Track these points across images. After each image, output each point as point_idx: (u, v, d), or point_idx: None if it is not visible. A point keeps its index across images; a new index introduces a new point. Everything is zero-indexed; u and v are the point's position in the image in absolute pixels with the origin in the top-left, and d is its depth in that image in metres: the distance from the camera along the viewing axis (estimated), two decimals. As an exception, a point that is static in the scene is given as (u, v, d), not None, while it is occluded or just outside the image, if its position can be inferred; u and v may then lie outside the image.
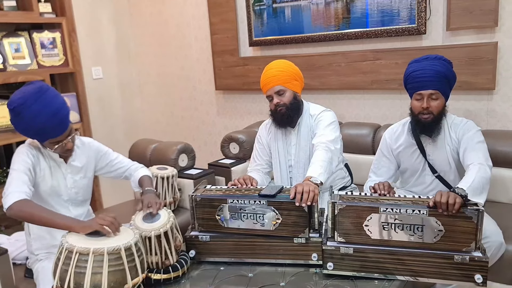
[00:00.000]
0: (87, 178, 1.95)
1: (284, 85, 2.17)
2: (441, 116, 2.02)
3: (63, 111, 1.74)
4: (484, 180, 1.75)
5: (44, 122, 1.67)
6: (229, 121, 3.81)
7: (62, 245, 1.47)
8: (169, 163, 2.71)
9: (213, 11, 3.57)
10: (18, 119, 1.69)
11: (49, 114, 1.68)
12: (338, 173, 2.33)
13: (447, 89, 2.01)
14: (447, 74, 1.97)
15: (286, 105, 2.17)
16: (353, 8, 2.90)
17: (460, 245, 1.56)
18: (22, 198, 1.60)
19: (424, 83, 1.96)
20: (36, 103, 1.67)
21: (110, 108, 4.09)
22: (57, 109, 1.70)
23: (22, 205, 1.59)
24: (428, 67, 1.96)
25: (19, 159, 1.73)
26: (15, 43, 2.99)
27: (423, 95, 1.98)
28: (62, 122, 1.73)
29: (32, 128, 1.70)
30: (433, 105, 1.98)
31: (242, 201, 1.76)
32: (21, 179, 1.67)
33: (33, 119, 1.66)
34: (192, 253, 1.83)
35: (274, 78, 2.16)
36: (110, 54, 4.07)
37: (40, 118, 1.67)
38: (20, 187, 1.64)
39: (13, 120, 1.71)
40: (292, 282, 1.65)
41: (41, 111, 1.67)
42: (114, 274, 1.45)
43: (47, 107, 1.68)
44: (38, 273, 1.80)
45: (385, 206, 1.61)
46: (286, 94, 2.17)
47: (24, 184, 1.66)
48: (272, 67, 2.21)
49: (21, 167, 1.70)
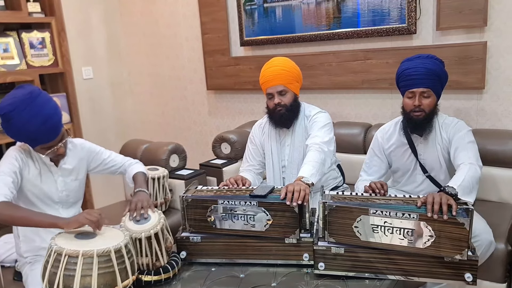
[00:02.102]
0: (78, 180, 1.93)
1: (287, 86, 2.15)
2: (432, 114, 2.03)
3: (55, 117, 1.70)
4: (474, 179, 1.76)
5: (36, 129, 1.63)
6: (220, 121, 3.80)
7: (51, 247, 1.46)
8: (160, 163, 2.70)
9: (204, 11, 3.56)
10: (8, 125, 1.65)
11: (41, 120, 1.63)
12: (330, 173, 2.33)
13: (439, 87, 2.01)
14: (439, 73, 1.98)
15: (286, 106, 2.15)
16: (344, 7, 2.90)
17: (451, 252, 1.53)
18: (0, 201, 1.57)
19: (416, 81, 1.97)
20: (26, 110, 1.62)
21: (100, 108, 4.06)
22: (48, 115, 1.66)
23: (2, 208, 1.56)
24: (420, 65, 1.98)
25: (6, 161, 1.71)
26: (3, 43, 2.95)
27: (415, 93, 1.99)
28: (54, 128, 1.69)
29: (23, 134, 1.67)
30: (425, 103, 1.99)
31: (233, 202, 1.76)
32: (3, 181, 1.64)
33: (24, 125, 1.62)
34: (183, 254, 1.82)
35: (278, 77, 2.13)
36: (100, 54, 4.04)
37: (31, 125, 1.62)
38: (1, 189, 1.60)
39: (3, 125, 1.67)
40: (284, 283, 1.65)
41: (32, 117, 1.62)
42: (104, 277, 1.44)
43: (38, 114, 1.63)
44: (27, 276, 1.78)
45: (375, 208, 1.60)
46: (288, 95, 2.16)
47: (5, 187, 1.62)
48: (277, 65, 2.16)
49: (6, 170, 1.67)
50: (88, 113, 3.87)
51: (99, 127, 4.02)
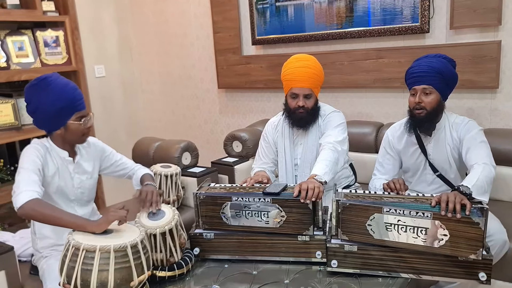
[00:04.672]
0: (93, 179, 1.96)
1: (313, 90, 2.13)
2: (435, 113, 2.02)
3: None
4: (488, 179, 1.75)
5: (73, 91, 1.76)
6: (231, 120, 3.82)
7: (69, 242, 1.48)
8: (172, 161, 2.72)
9: (215, 10, 3.57)
10: (46, 93, 1.72)
11: (73, 86, 1.79)
12: (342, 172, 2.33)
13: (443, 86, 2.00)
14: (442, 71, 1.97)
15: (308, 110, 2.14)
16: (356, 6, 2.90)
17: (466, 252, 1.52)
18: (33, 198, 1.59)
19: (417, 78, 1.99)
20: (59, 78, 1.78)
21: (112, 106, 4.10)
22: (76, 86, 1.82)
23: (34, 205, 1.58)
24: (424, 63, 2.00)
25: (28, 159, 1.72)
26: (18, 41, 2.99)
27: (417, 90, 2.00)
28: (83, 96, 1.82)
29: (63, 98, 1.73)
30: (426, 100, 1.99)
31: (247, 199, 1.77)
32: (31, 178, 1.65)
33: (64, 87, 1.75)
34: (197, 250, 1.84)
35: (309, 80, 2.09)
36: (112, 53, 4.07)
37: (70, 87, 1.76)
38: (31, 186, 1.62)
39: (38, 96, 1.73)
40: (296, 280, 1.66)
41: (68, 82, 1.78)
42: (121, 271, 1.46)
43: (69, 82, 1.80)
44: (43, 271, 1.81)
45: (389, 206, 1.60)
46: (312, 99, 2.14)
47: (35, 184, 1.64)
48: (310, 66, 2.11)
49: (31, 167, 1.69)
50: (99, 111, 3.90)
51: (111, 125, 4.05)
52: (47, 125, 1.80)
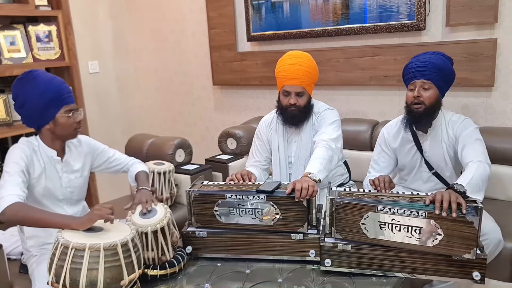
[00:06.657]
0: (82, 177, 1.93)
1: (305, 88, 2.11)
2: (433, 108, 2.01)
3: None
4: (483, 177, 1.74)
5: (61, 83, 1.76)
6: (226, 117, 3.79)
7: (58, 240, 1.45)
8: (166, 158, 2.69)
9: (211, 6, 3.55)
10: (33, 85, 1.71)
11: (60, 80, 1.79)
12: (337, 170, 2.32)
13: (441, 82, 1.99)
14: (442, 67, 1.97)
15: (300, 108, 2.12)
16: (352, 3, 2.88)
17: (460, 251, 1.51)
18: (14, 202, 1.55)
19: (416, 73, 1.98)
20: (45, 73, 1.78)
21: (107, 102, 4.06)
22: (63, 80, 1.81)
23: (15, 209, 1.54)
24: (424, 59, 2.00)
25: (12, 160, 1.69)
26: (10, 36, 2.95)
27: (415, 84, 1.99)
28: (71, 91, 1.81)
29: (51, 90, 1.72)
30: (425, 95, 1.98)
31: (241, 196, 1.75)
32: (14, 181, 1.62)
33: (51, 80, 1.75)
34: (189, 249, 1.82)
35: (301, 78, 2.07)
36: (107, 48, 4.03)
37: (56, 81, 1.76)
38: (13, 190, 1.59)
39: (26, 89, 1.72)
40: (290, 279, 1.64)
41: (54, 77, 1.78)
42: (110, 270, 1.43)
43: (56, 76, 1.79)
44: (33, 269, 1.78)
45: (383, 205, 1.58)
46: (304, 96, 2.13)
47: (17, 187, 1.61)
48: (302, 64, 2.09)
49: (15, 169, 1.66)
50: (94, 108, 3.87)
51: (105, 121, 4.02)
52: (36, 120, 1.76)
